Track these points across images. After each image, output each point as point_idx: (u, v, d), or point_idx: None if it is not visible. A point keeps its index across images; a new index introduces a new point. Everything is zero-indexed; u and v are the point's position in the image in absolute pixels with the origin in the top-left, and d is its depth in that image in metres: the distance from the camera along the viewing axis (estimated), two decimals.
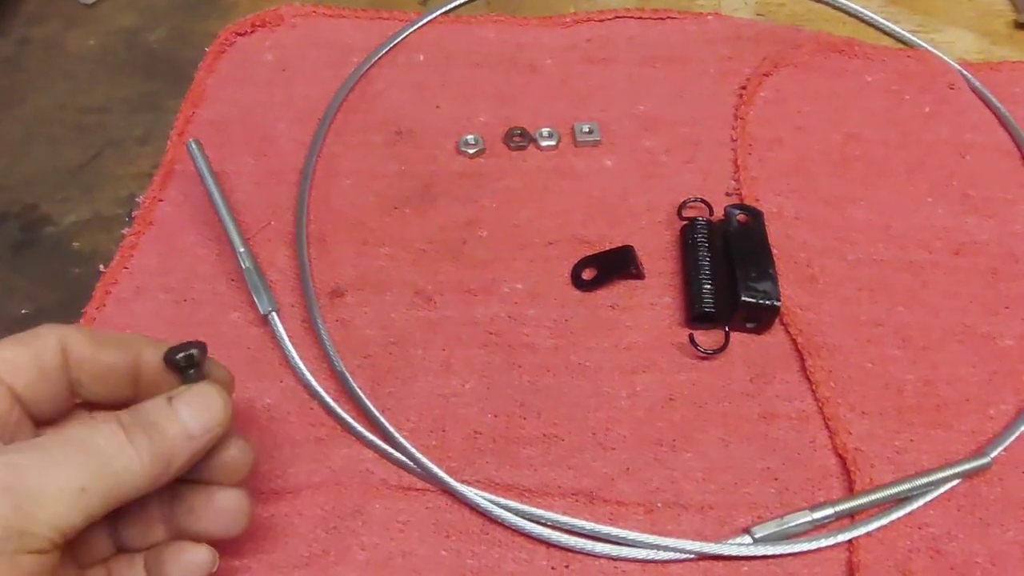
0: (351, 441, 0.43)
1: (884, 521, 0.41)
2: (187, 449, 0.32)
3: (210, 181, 0.49)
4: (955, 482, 0.42)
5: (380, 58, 0.60)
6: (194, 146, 0.50)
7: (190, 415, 0.33)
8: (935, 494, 0.41)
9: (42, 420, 0.34)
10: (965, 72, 0.58)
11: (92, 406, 0.36)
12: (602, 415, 0.44)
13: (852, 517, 0.41)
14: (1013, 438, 0.43)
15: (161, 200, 0.53)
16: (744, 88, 0.57)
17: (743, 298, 0.45)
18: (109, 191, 0.54)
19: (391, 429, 0.42)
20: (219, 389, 0.34)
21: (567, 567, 0.40)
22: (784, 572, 0.40)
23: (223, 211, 0.49)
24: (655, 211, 0.52)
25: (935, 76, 0.58)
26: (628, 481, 0.42)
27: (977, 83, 0.57)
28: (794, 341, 0.47)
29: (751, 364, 0.46)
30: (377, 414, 0.43)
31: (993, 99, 0.57)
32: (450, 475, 0.42)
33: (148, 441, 0.31)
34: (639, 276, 0.49)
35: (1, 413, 0.31)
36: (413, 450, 0.42)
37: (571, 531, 0.41)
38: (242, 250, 0.48)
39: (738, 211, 0.49)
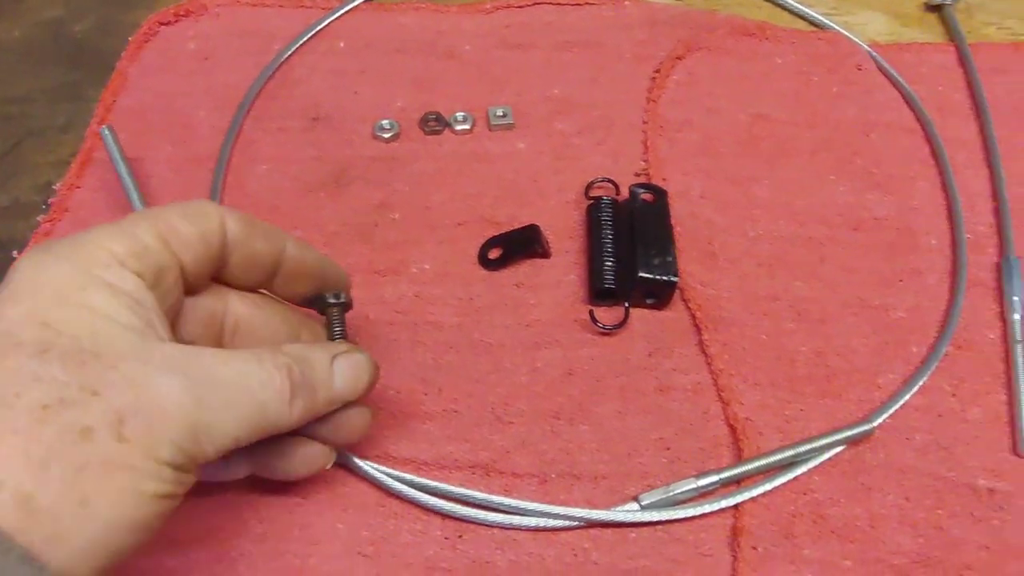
0: None
1: (768, 487, 0.42)
2: (326, 409, 0.36)
3: (122, 167, 0.50)
4: (839, 448, 0.43)
5: (301, 46, 0.61)
6: (107, 133, 0.51)
7: (343, 384, 0.36)
8: (819, 460, 0.43)
9: (188, 292, 0.35)
10: (874, 53, 0.59)
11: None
12: (502, 390, 0.45)
13: (739, 483, 0.42)
14: (897, 406, 0.44)
15: (78, 187, 0.53)
16: (657, 71, 0.58)
17: (641, 274, 0.46)
18: (28, 179, 0.55)
19: None
20: (372, 362, 0.37)
21: (460, 536, 0.41)
22: (671, 537, 0.41)
23: (134, 196, 0.50)
24: (565, 192, 0.53)
25: (844, 57, 0.59)
26: (524, 454, 0.43)
27: (885, 64, 0.59)
28: (693, 316, 0.48)
29: (651, 339, 0.47)
30: None
31: (900, 79, 0.58)
32: (348, 450, 0.43)
33: (304, 403, 0.34)
34: (545, 255, 0.50)
35: (170, 288, 0.33)
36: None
37: (464, 502, 0.41)
38: None
39: (643, 190, 0.50)
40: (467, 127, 0.56)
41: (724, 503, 0.41)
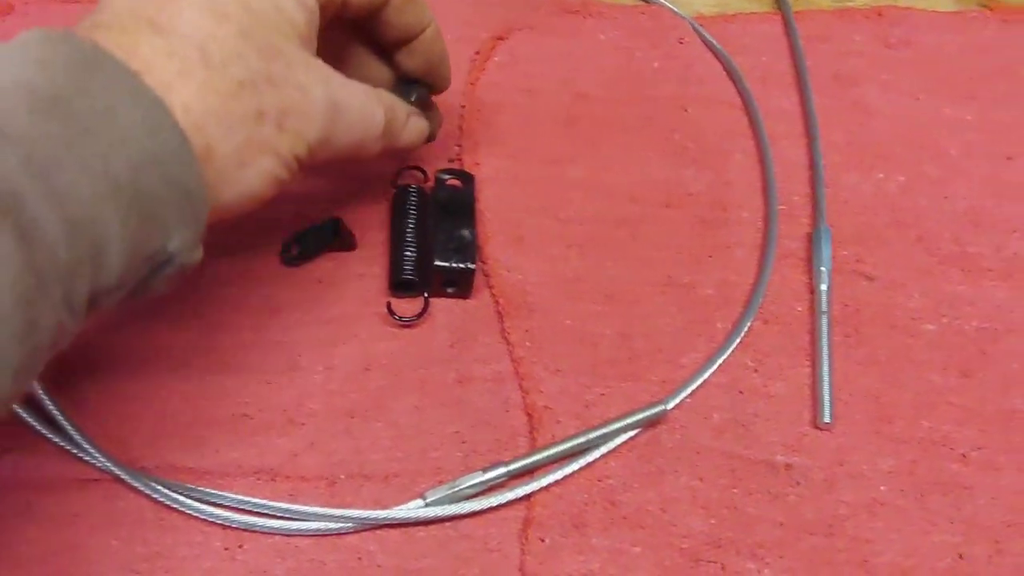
0: (24, 436, 0.42)
1: (559, 476, 0.41)
2: (391, 150, 0.43)
3: None
4: (633, 432, 0.42)
5: None
6: None
7: (408, 138, 0.44)
8: (612, 445, 0.41)
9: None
10: (697, 25, 0.58)
11: None
12: (295, 391, 0.44)
13: (533, 474, 0.41)
14: (695, 385, 0.43)
15: None
16: (478, 53, 0.57)
17: (436, 262, 0.45)
18: None
19: (61, 420, 0.41)
20: (431, 128, 0.46)
21: (241, 547, 0.40)
22: (459, 534, 0.40)
23: None
24: (377, 181, 0.51)
25: (666, 31, 0.58)
26: (312, 455, 0.42)
27: (708, 36, 0.58)
28: (497, 303, 0.46)
29: (453, 329, 0.46)
30: (50, 406, 0.41)
31: (723, 51, 0.57)
32: (130, 463, 0.41)
33: (384, 143, 0.41)
34: (349, 247, 0.48)
35: (311, 25, 0.37)
36: (79, 438, 0.41)
37: (244, 510, 0.40)
38: None
39: (448, 176, 0.49)
40: None
41: (511, 495, 0.40)
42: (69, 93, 0.30)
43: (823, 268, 0.47)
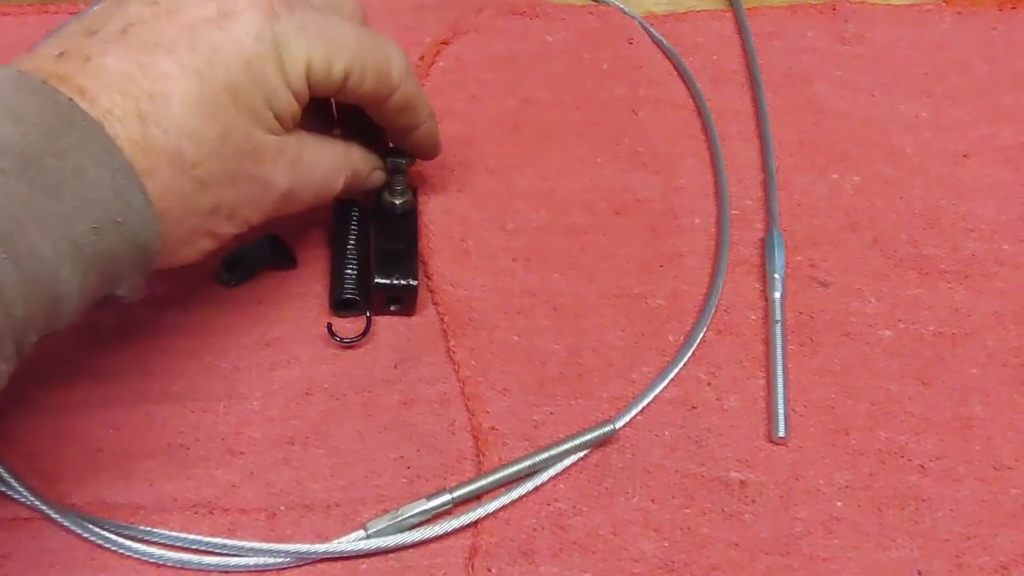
0: None
1: (506, 501, 0.39)
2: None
3: None
4: (582, 453, 0.40)
5: None
6: None
7: (367, 187, 0.44)
8: (560, 468, 0.40)
9: None
10: (647, 25, 0.57)
11: None
12: (233, 418, 0.42)
13: (479, 499, 0.40)
14: (646, 402, 0.42)
15: None
16: (422, 59, 0.55)
17: (376, 279, 0.43)
18: None
19: None
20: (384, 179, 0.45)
21: None
22: (403, 566, 0.38)
23: None
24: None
25: (615, 32, 0.56)
26: (251, 486, 0.40)
27: (659, 35, 0.56)
28: (442, 320, 0.45)
29: (398, 349, 0.44)
30: None
31: (673, 51, 0.55)
32: (59, 500, 0.39)
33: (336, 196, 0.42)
34: (289, 266, 0.47)
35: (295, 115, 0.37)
36: (5, 475, 0.39)
37: (178, 546, 0.38)
38: None
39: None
40: None
41: (457, 523, 0.39)
42: (40, 152, 0.30)
43: (776, 275, 0.45)
